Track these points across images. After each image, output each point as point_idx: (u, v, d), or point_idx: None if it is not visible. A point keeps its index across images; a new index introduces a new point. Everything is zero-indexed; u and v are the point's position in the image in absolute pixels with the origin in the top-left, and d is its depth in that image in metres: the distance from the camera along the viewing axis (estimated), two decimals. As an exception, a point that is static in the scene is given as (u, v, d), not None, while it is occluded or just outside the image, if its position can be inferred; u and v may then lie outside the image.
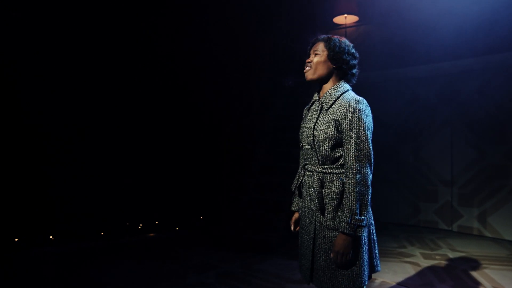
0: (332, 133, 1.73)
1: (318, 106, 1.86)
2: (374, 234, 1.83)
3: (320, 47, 1.83)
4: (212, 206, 5.28)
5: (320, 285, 1.79)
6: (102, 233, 4.64)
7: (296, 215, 2.08)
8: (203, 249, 4.38)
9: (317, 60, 1.82)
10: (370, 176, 1.70)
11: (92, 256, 4.07)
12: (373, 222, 1.83)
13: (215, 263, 3.87)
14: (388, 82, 5.72)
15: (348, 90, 1.82)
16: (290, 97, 5.59)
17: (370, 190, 1.70)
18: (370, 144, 1.70)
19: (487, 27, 4.51)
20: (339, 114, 1.72)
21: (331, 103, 1.78)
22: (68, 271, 3.61)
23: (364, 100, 1.74)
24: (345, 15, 6.08)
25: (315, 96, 1.92)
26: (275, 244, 4.26)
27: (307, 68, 1.86)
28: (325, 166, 1.79)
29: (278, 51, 6.24)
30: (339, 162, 1.76)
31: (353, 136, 1.68)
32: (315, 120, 1.83)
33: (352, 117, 1.68)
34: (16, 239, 4.14)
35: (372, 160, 1.71)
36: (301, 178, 1.95)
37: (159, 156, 5.17)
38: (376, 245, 1.84)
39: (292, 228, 2.08)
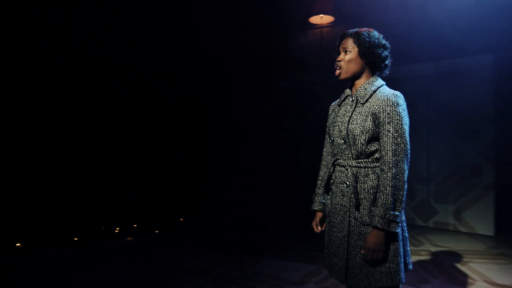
0: (370, 126, 1.69)
1: (352, 101, 1.81)
2: (406, 231, 1.78)
3: (350, 44, 1.78)
4: (194, 207, 5.07)
5: (357, 284, 1.72)
6: (76, 239, 4.28)
7: (319, 214, 1.99)
8: (190, 252, 4.18)
9: (348, 58, 1.77)
10: (407, 171, 1.67)
11: (68, 264, 3.73)
12: (404, 219, 1.78)
13: (207, 266, 3.69)
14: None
15: (383, 84, 1.80)
16: (273, 96, 5.52)
17: (406, 186, 1.67)
18: (408, 139, 1.68)
19: (462, 30, 4.71)
20: (376, 107, 1.69)
21: (367, 97, 1.75)
22: (41, 282, 3.27)
23: (401, 94, 1.72)
24: (321, 15, 6.09)
25: (347, 91, 1.87)
26: (265, 245, 4.16)
27: (338, 68, 1.81)
28: (360, 160, 1.74)
29: (257, 51, 6.14)
30: (374, 156, 1.73)
31: (391, 129, 1.65)
32: (350, 114, 1.78)
33: (390, 110, 1.66)
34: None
35: (409, 155, 1.68)
36: (330, 174, 1.88)
37: (136, 156, 4.87)
38: (408, 242, 1.80)
39: (318, 229, 1.98)
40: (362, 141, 1.70)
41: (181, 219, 5.06)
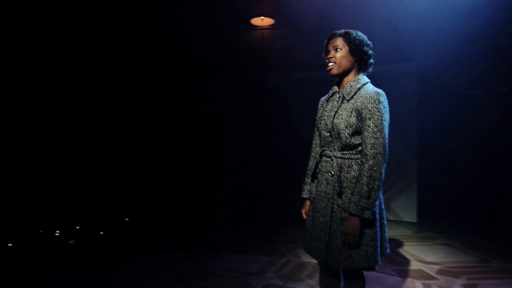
0: (353, 121, 1.84)
1: (339, 97, 1.95)
2: (384, 219, 1.98)
3: (340, 42, 1.92)
4: (140, 206, 4.92)
5: (336, 265, 1.86)
6: (10, 244, 3.90)
7: (308, 202, 2.12)
8: (142, 252, 4.06)
9: (340, 55, 1.91)
10: (384, 164, 1.82)
11: (5, 272, 3.39)
12: (383, 207, 1.99)
13: (164, 264, 3.63)
14: (307, 84, 6.16)
15: (367, 82, 1.95)
16: (222, 94, 5.57)
17: (383, 177, 1.81)
18: (387, 134, 1.82)
19: (388, 39, 5.25)
20: (359, 104, 1.83)
21: (353, 94, 1.89)
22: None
23: (384, 93, 1.87)
24: (262, 17, 6.31)
25: (335, 88, 2.01)
26: (220, 240, 4.22)
27: (331, 64, 1.94)
28: (344, 152, 1.88)
29: (200, 50, 6.14)
30: (358, 149, 1.87)
31: (371, 125, 1.79)
32: (336, 109, 1.92)
33: (371, 107, 1.80)
34: None
35: (387, 149, 1.82)
36: (317, 163, 2.01)
37: (75, 153, 4.58)
38: (386, 228, 1.98)
39: (306, 216, 2.12)
40: (346, 134, 1.85)
41: (127, 219, 4.87)
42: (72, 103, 4.53)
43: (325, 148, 1.97)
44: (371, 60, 1.98)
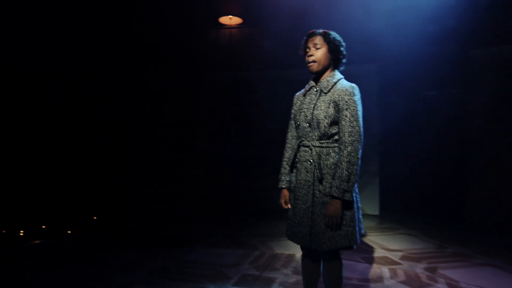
0: (331, 112, 2.01)
1: (316, 91, 2.10)
2: (359, 202, 2.15)
3: (319, 41, 2.07)
4: (112, 204, 4.82)
5: (321, 246, 2.00)
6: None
7: (286, 192, 2.22)
8: (114, 249, 3.99)
9: (321, 53, 2.07)
10: (360, 150, 2.01)
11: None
12: (358, 192, 2.14)
13: (138, 260, 3.61)
14: (271, 83, 6.29)
15: (342, 78, 2.12)
16: (192, 93, 5.59)
17: (360, 162, 2.00)
18: (361, 123, 2.02)
19: (351, 40, 5.50)
20: (337, 96, 2.01)
21: (329, 88, 2.06)
22: None
23: (357, 87, 2.06)
24: (230, 16, 6.39)
25: (312, 83, 2.16)
26: (192, 236, 4.24)
27: (311, 62, 2.07)
28: (322, 141, 2.04)
29: (169, 48, 6.11)
30: (334, 138, 2.04)
31: (348, 115, 1.98)
32: (314, 102, 2.07)
33: (348, 99, 1.99)
34: None
35: (362, 136, 2.03)
36: (295, 154, 2.13)
37: (40, 151, 4.42)
38: (360, 211, 2.15)
39: (288, 206, 2.20)
40: (325, 124, 2.01)
41: (95, 218, 4.75)
42: (34, 101, 4.37)
43: (303, 139, 2.11)
44: (344, 60, 2.16)
